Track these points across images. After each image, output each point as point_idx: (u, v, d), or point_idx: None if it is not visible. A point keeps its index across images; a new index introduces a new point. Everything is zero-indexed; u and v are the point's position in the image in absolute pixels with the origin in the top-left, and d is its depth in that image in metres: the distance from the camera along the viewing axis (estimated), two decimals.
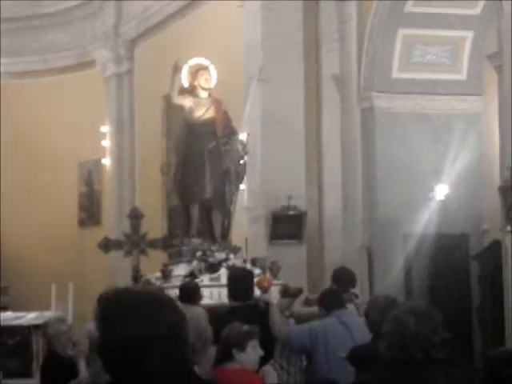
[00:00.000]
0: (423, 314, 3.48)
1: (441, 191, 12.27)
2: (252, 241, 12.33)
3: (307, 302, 7.97)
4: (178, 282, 9.53)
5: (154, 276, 10.45)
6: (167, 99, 15.00)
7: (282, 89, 12.17)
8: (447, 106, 12.51)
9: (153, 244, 11.98)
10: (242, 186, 12.61)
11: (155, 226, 13.51)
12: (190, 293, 7.77)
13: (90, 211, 17.19)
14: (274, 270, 10.31)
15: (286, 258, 11.78)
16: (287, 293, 8.67)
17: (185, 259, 10.40)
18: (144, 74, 15.78)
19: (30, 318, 11.67)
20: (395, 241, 12.12)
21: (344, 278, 7.81)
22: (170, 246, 11.45)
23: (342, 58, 12.52)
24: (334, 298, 6.99)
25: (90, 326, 8.96)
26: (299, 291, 8.71)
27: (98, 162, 16.90)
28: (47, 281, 13.47)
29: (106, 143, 16.70)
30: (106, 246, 12.14)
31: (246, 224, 12.50)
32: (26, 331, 11.30)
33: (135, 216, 12.04)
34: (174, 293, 8.33)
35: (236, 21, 12.84)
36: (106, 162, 16.76)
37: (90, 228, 16.74)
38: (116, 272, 14.46)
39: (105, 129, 16.69)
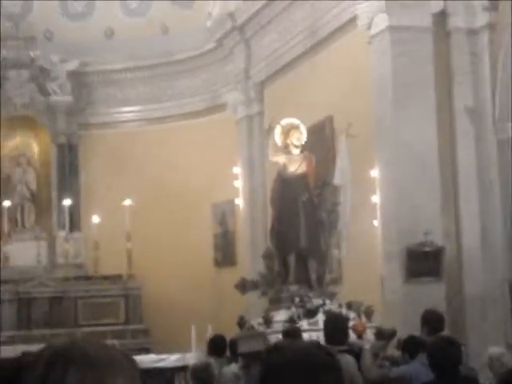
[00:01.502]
0: None
1: None
2: (388, 279, 11.91)
3: (400, 345, 8.14)
4: (278, 327, 9.94)
5: (256, 322, 10.85)
6: None
7: (414, 123, 11.77)
8: None
9: None
10: (376, 223, 12.23)
11: None
12: (291, 335, 8.19)
13: (225, 251, 17.09)
14: (369, 313, 10.62)
15: (423, 296, 11.31)
16: (381, 335, 9.24)
17: (284, 305, 10.86)
18: (273, 115, 15.64)
19: (172, 360, 11.55)
20: None
21: (433, 320, 7.89)
22: None
23: (475, 90, 12.00)
24: (415, 343, 7.32)
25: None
26: (393, 333, 9.25)
27: (231, 203, 16.81)
28: (186, 321, 13.39)
29: (239, 184, 16.60)
30: (243, 286, 12.02)
31: (381, 262, 12.09)
32: (169, 373, 11.18)
33: (269, 256, 11.85)
34: (276, 337, 9.14)
35: (364, 58, 12.55)
36: (239, 202, 16.64)
37: (225, 268, 16.63)
38: (251, 312, 14.22)
39: (237, 170, 16.61)
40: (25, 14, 17.68)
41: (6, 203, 16.63)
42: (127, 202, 16.45)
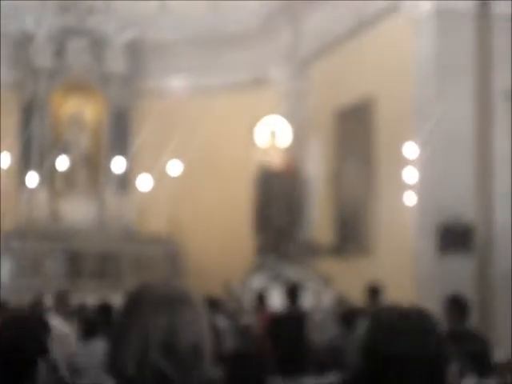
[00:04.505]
0: None
1: None
2: (420, 253, 11.52)
3: None
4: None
5: None
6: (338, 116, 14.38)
7: (453, 103, 11.29)
8: None
9: None
10: (413, 201, 11.72)
11: None
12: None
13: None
14: None
15: (454, 270, 10.96)
16: None
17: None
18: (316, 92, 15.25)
19: None
20: None
21: (456, 310, 6.24)
22: None
23: None
24: None
25: None
26: None
27: None
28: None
29: None
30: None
31: (414, 237, 11.68)
32: None
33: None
34: None
35: (406, 41, 12.06)
36: None
37: None
38: None
39: None
40: None
41: (61, 164, 16.41)
42: (174, 167, 16.15)
